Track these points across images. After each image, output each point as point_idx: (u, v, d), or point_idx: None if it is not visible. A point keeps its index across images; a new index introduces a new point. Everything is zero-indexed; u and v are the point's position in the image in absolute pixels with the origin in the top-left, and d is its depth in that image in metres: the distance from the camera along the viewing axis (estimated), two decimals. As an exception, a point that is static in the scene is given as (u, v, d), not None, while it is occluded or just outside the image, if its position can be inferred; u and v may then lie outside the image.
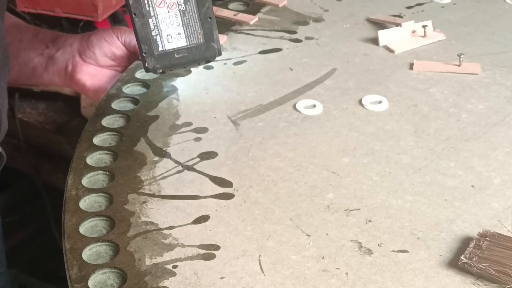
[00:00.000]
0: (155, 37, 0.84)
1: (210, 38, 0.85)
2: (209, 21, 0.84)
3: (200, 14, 0.83)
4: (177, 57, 0.86)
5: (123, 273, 0.73)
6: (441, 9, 1.26)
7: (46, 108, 1.59)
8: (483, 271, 0.71)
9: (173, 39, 0.83)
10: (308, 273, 0.73)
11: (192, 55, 0.87)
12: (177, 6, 0.82)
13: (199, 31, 0.83)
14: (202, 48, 0.85)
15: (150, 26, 0.84)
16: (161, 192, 0.84)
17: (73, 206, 0.82)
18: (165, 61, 0.87)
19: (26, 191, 1.71)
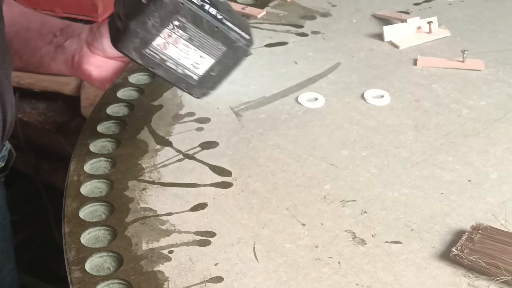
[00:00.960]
0: (184, 73, 0.81)
1: (230, 41, 0.81)
2: (218, 29, 0.80)
3: (206, 31, 0.80)
4: (215, 74, 0.83)
5: (119, 257, 0.75)
6: (448, 6, 1.27)
7: (46, 108, 1.59)
8: (473, 263, 0.72)
9: (199, 63, 0.81)
10: (301, 261, 0.74)
11: (226, 64, 0.83)
12: (181, 38, 0.79)
13: (215, 43, 0.80)
14: (229, 53, 0.81)
15: (172, 67, 0.81)
16: (161, 179, 0.86)
17: (74, 191, 0.84)
18: (207, 83, 0.83)
19: (26, 191, 1.71)
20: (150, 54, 0.79)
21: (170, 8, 0.77)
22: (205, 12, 0.78)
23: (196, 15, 0.77)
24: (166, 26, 0.77)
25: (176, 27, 0.77)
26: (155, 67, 0.80)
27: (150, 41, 0.78)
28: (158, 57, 0.79)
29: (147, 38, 0.78)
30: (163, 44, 0.78)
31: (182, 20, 0.77)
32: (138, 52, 0.79)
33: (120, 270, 0.73)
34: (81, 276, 0.72)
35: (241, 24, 0.82)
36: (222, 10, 0.80)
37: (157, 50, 0.79)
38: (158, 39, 0.78)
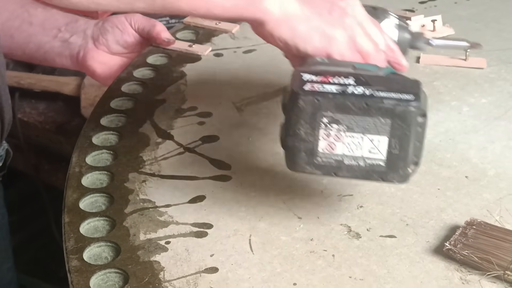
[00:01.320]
0: (367, 164, 0.73)
1: (388, 111, 0.71)
2: (368, 106, 0.71)
3: (357, 113, 0.71)
4: (398, 151, 0.73)
5: (117, 247, 0.76)
6: (454, 5, 1.27)
7: (46, 108, 1.57)
8: (466, 258, 0.73)
9: (375, 147, 0.72)
10: (296, 253, 0.75)
11: (402, 136, 0.72)
12: (340, 132, 0.72)
13: (375, 119, 0.72)
14: (396, 123, 0.71)
15: (353, 164, 0.73)
16: (161, 172, 0.87)
17: (75, 182, 0.85)
18: (397, 163, 0.73)
19: (26, 191, 1.69)
20: (323, 161, 0.73)
21: (310, 109, 0.72)
22: (346, 95, 0.71)
23: (338, 104, 0.71)
24: (319, 127, 0.72)
25: (328, 124, 0.72)
26: (337, 172, 0.74)
27: (314, 149, 0.73)
28: (332, 160, 0.73)
29: (309, 148, 0.73)
30: (327, 146, 0.73)
31: (328, 114, 0.72)
32: (310, 165, 0.74)
33: (117, 259, 0.74)
34: (78, 265, 0.74)
35: (400, 85, 0.73)
36: (373, 81, 0.73)
37: (327, 155, 0.73)
38: (320, 143, 0.73)
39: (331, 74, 0.74)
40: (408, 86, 0.72)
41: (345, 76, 0.74)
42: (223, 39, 1.17)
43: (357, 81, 0.73)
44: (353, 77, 0.74)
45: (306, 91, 0.72)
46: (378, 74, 0.75)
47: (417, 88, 0.72)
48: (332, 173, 0.74)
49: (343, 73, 0.74)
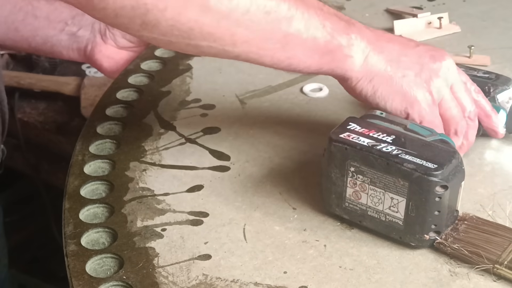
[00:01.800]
0: (387, 220, 0.75)
1: (406, 174, 0.73)
2: (389, 165, 0.73)
3: (380, 169, 0.73)
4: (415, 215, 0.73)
5: (114, 233, 0.78)
6: (463, 3, 1.28)
7: (46, 108, 1.58)
8: (456, 251, 0.73)
9: (395, 206, 0.74)
10: (288, 243, 0.77)
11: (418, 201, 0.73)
12: (365, 184, 0.75)
13: (395, 180, 0.73)
14: (414, 187, 0.72)
15: (375, 216, 0.76)
16: (161, 161, 0.89)
17: (78, 170, 0.87)
18: (414, 226, 0.74)
19: (26, 191, 1.71)
20: (350, 207, 0.77)
21: (339, 156, 0.75)
22: (373, 150, 0.74)
23: (363, 156, 0.74)
24: (346, 174, 0.75)
25: (355, 173, 0.75)
26: (361, 220, 0.77)
27: (342, 194, 0.76)
28: (357, 208, 0.76)
29: (339, 192, 0.77)
30: (354, 193, 0.76)
31: (355, 164, 0.75)
32: (340, 208, 0.77)
33: (114, 245, 0.76)
34: (76, 249, 0.76)
35: (432, 153, 0.73)
36: (411, 144, 0.75)
37: (353, 202, 0.76)
38: (347, 189, 0.76)
39: (376, 128, 0.77)
40: (439, 155, 0.73)
41: (387, 133, 0.76)
42: (230, 33, 1.18)
43: (395, 141, 0.75)
44: (395, 136, 0.76)
45: (339, 138, 0.76)
46: (424, 138, 0.77)
47: (446, 160, 0.73)
48: (358, 220, 0.77)
49: (388, 130, 0.77)
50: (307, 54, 0.77)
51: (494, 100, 0.88)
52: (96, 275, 0.73)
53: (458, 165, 0.74)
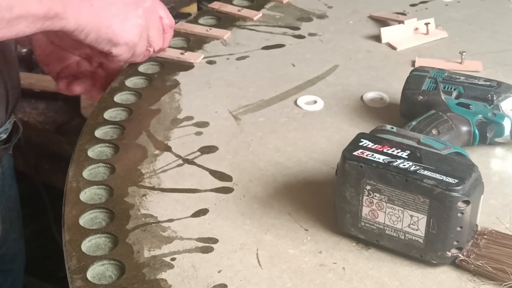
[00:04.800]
0: (407, 238, 0.73)
1: (427, 190, 0.70)
2: (408, 182, 0.71)
3: (398, 187, 0.71)
4: (436, 232, 0.71)
5: (121, 265, 0.74)
6: (445, 7, 1.26)
7: (46, 108, 1.58)
8: (480, 268, 0.71)
9: (415, 224, 0.72)
10: (305, 267, 0.74)
11: (440, 217, 0.71)
12: (382, 202, 0.73)
13: (415, 197, 0.71)
14: (435, 204, 0.70)
15: (393, 235, 0.73)
16: (161, 185, 0.85)
17: (74, 198, 0.83)
18: (436, 243, 0.72)
19: (26, 191, 1.69)
20: (366, 226, 0.74)
21: (354, 174, 0.73)
22: (390, 167, 0.71)
23: (380, 174, 0.72)
24: (362, 193, 0.73)
25: (371, 191, 0.72)
26: (379, 239, 0.74)
27: (358, 213, 0.74)
28: (374, 227, 0.74)
29: (354, 211, 0.74)
30: (370, 212, 0.73)
31: (371, 183, 0.72)
32: (356, 228, 0.75)
33: (122, 278, 0.72)
34: (83, 285, 0.71)
35: (450, 167, 0.71)
36: (427, 158, 0.73)
37: (370, 221, 0.74)
38: (363, 208, 0.73)
39: (389, 144, 0.75)
40: (459, 169, 0.71)
41: (401, 149, 0.74)
42: (215, 45, 1.15)
43: (410, 156, 0.73)
44: (410, 151, 0.74)
45: (353, 156, 0.74)
46: (439, 152, 0.75)
47: (466, 174, 0.71)
48: (375, 240, 0.75)
49: (402, 145, 0.75)
50: (30, 25, 0.79)
51: (498, 108, 0.87)
52: (107, 312, 0.69)
53: (477, 178, 0.72)
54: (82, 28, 0.84)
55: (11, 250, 1.19)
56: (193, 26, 1.20)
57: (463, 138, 0.86)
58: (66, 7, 0.82)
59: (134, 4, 0.91)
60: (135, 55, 0.93)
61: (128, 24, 0.89)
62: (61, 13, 0.81)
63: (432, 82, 0.91)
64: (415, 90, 0.91)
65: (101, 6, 0.87)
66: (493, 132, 0.87)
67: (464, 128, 0.86)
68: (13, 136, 1.06)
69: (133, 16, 0.90)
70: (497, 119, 0.87)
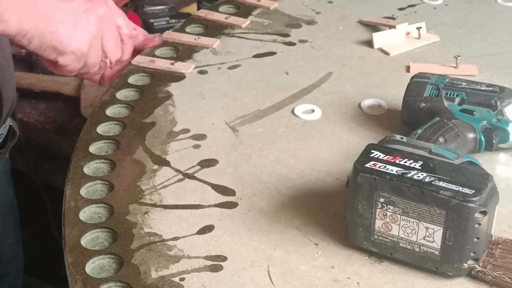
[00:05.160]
0: (421, 250, 0.71)
1: (443, 202, 0.69)
2: (423, 193, 0.70)
3: (413, 199, 0.70)
4: (452, 244, 0.70)
5: (129, 287, 0.71)
6: (433, 10, 1.25)
7: (46, 108, 1.58)
8: (498, 279, 0.70)
9: (430, 236, 0.70)
10: (319, 283, 0.72)
11: (457, 229, 0.69)
12: (396, 214, 0.71)
13: (430, 208, 0.69)
14: (451, 215, 0.69)
15: (408, 247, 0.72)
16: (162, 201, 0.82)
17: (73, 217, 0.80)
18: (452, 255, 0.71)
19: (26, 191, 1.68)
20: (380, 240, 0.73)
21: (367, 187, 0.71)
22: (405, 179, 0.70)
23: (394, 186, 0.70)
24: (375, 206, 0.71)
25: (385, 204, 0.71)
26: (392, 252, 0.73)
27: (371, 226, 0.72)
28: (388, 240, 0.72)
29: (367, 224, 0.73)
30: (383, 225, 0.72)
31: (385, 195, 0.71)
32: (368, 241, 0.73)
33: (131, 301, 0.70)
34: (90, 310, 0.69)
35: (466, 178, 0.70)
36: (441, 168, 0.71)
37: (383, 234, 0.72)
38: (376, 221, 0.72)
39: (401, 155, 0.74)
40: (474, 179, 0.70)
41: (414, 160, 0.73)
42: (205, 54, 1.12)
43: (424, 166, 0.72)
44: (422, 161, 0.72)
45: (366, 168, 0.72)
46: (452, 161, 0.74)
47: (482, 184, 0.70)
48: (388, 253, 0.73)
49: (414, 156, 0.73)
50: None
51: (502, 114, 0.86)
52: (118, 338, 0.66)
53: (493, 187, 0.71)
54: (25, 33, 0.81)
55: (6, 254, 1.18)
56: (180, 35, 1.17)
57: (469, 145, 0.85)
58: (6, 9, 0.78)
59: (85, 11, 0.88)
60: (87, 65, 0.90)
61: (76, 31, 0.86)
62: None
63: (434, 88, 0.89)
64: (417, 97, 0.90)
65: (46, 10, 0.84)
66: (498, 138, 0.86)
67: (470, 135, 0.85)
68: (8, 141, 1.03)
69: (83, 23, 0.87)
70: (502, 125, 0.86)
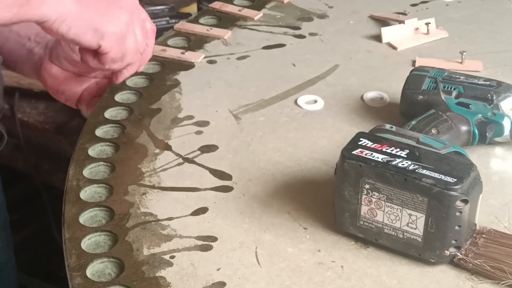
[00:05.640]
0: (405, 237, 0.73)
1: (425, 189, 0.71)
2: (407, 181, 0.71)
3: (397, 186, 0.72)
4: (434, 231, 0.71)
5: (120, 263, 0.74)
6: (446, 7, 1.26)
7: (46, 108, 1.59)
8: (478, 267, 0.72)
9: (413, 223, 0.72)
10: (304, 265, 0.74)
11: (438, 216, 0.71)
12: (380, 201, 0.73)
13: (413, 196, 0.71)
14: (433, 203, 0.70)
15: (392, 234, 0.74)
16: (161, 184, 0.85)
17: (74, 196, 0.83)
18: (434, 242, 0.72)
19: (26, 191, 1.71)
20: (365, 225, 0.75)
21: (353, 173, 0.73)
22: (389, 166, 0.72)
23: (379, 173, 0.72)
24: (361, 192, 0.73)
25: (370, 190, 0.73)
26: (377, 238, 0.74)
27: (357, 212, 0.74)
28: (373, 226, 0.74)
29: (353, 210, 0.74)
30: (369, 211, 0.74)
31: (370, 182, 0.73)
32: (354, 226, 0.75)
33: (122, 276, 0.73)
34: (82, 283, 0.72)
35: (449, 167, 0.72)
36: (426, 157, 0.73)
37: (369, 220, 0.74)
38: (362, 207, 0.74)
39: (388, 143, 0.75)
40: (458, 168, 0.72)
41: (400, 148, 0.74)
42: (215, 45, 1.15)
43: (409, 155, 0.74)
44: (409, 150, 0.74)
45: (352, 155, 0.74)
46: (438, 151, 0.75)
47: (465, 173, 0.71)
48: (373, 239, 0.75)
49: (401, 145, 0.75)
50: (5, 9, 0.77)
51: (497, 108, 0.87)
52: (107, 310, 0.69)
53: (476, 177, 0.72)
54: (64, 18, 0.81)
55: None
56: (193, 25, 1.20)
57: (463, 137, 0.87)
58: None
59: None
60: (126, 52, 0.89)
61: (112, 12, 0.86)
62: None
63: (432, 81, 0.91)
64: (415, 89, 0.92)
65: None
66: (493, 132, 0.87)
67: (464, 127, 0.87)
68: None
69: (116, 6, 0.87)
70: (497, 119, 0.87)
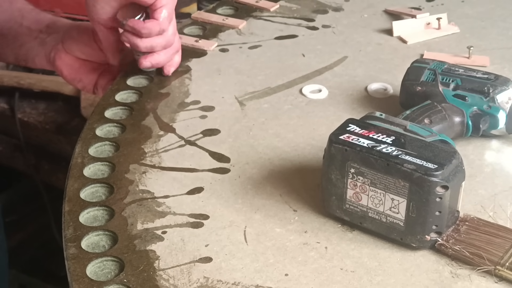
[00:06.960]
0: (388, 221, 0.75)
1: (406, 175, 0.73)
2: (389, 166, 0.73)
3: (380, 170, 0.74)
4: (415, 216, 0.73)
5: (115, 236, 0.78)
6: (461, 3, 1.27)
7: (46, 108, 1.60)
8: (458, 253, 0.73)
9: (395, 207, 0.74)
10: (289, 245, 0.76)
11: (419, 201, 0.73)
12: (365, 185, 0.75)
13: (395, 180, 0.73)
14: (414, 188, 0.72)
15: (376, 217, 0.76)
16: (161, 164, 0.88)
17: (77, 172, 0.87)
18: (415, 227, 0.74)
19: (26, 191, 1.72)
20: (350, 209, 0.77)
21: (339, 157, 0.76)
22: (373, 151, 0.74)
23: (363, 157, 0.74)
24: (347, 176, 0.76)
25: (355, 174, 0.75)
26: (362, 221, 0.77)
27: (343, 195, 0.77)
28: (358, 210, 0.76)
29: (339, 193, 0.77)
30: (354, 195, 0.76)
31: (355, 166, 0.75)
32: (341, 209, 0.77)
33: (114, 248, 0.76)
34: (76, 253, 0.75)
35: (432, 154, 0.74)
36: (411, 144, 0.75)
37: (354, 203, 0.76)
38: (348, 191, 0.76)
39: (375, 129, 0.78)
40: (439, 155, 0.74)
41: (387, 135, 0.77)
42: (229, 34, 1.18)
43: (395, 141, 0.76)
44: (395, 137, 0.76)
45: (339, 140, 0.77)
46: (424, 138, 0.77)
47: (447, 160, 0.73)
48: (358, 222, 0.78)
49: (388, 131, 0.77)
50: None
51: (493, 101, 0.88)
52: (96, 278, 0.73)
53: (458, 165, 0.74)
54: None
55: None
56: (210, 15, 1.23)
57: (456, 128, 0.88)
58: None
59: None
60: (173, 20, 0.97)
61: None
62: None
63: (431, 73, 0.93)
64: (414, 81, 0.93)
65: None
66: (488, 124, 0.89)
67: (457, 118, 0.88)
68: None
69: None
70: (492, 112, 0.88)
